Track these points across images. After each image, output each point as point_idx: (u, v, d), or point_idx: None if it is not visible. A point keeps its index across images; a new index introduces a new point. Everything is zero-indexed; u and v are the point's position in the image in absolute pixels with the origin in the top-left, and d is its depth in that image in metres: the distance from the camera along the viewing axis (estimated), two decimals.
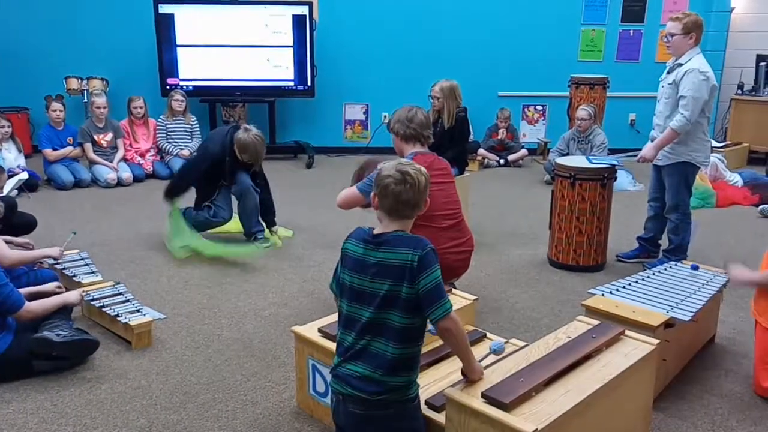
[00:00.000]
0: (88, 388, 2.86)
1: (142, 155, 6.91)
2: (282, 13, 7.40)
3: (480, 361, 2.12)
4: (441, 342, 2.42)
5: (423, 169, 2.04)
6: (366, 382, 1.93)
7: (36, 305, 3.03)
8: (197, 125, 7.15)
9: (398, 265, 1.91)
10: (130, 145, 6.91)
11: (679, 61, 3.95)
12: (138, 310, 3.34)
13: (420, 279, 1.89)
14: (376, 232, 2.02)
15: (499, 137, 7.63)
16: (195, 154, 5.66)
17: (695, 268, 3.31)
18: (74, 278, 3.69)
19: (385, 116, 7.90)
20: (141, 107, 6.94)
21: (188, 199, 4.78)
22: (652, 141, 4.13)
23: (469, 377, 2.05)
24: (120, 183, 6.47)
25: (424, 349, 2.18)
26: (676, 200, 4.09)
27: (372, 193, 2.05)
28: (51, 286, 3.29)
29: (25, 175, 5.87)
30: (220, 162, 4.62)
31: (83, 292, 3.38)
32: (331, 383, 2.05)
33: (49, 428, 2.57)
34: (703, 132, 3.99)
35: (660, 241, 4.42)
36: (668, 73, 4.05)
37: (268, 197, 4.85)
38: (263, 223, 4.81)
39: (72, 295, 3.22)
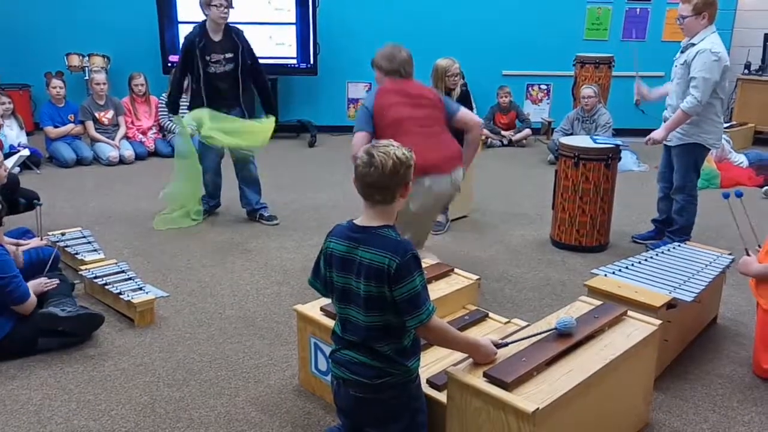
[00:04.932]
0: (92, 364, 2.87)
1: (144, 133, 6.88)
2: None
3: (505, 338, 2.15)
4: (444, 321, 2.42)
5: (398, 152, 1.90)
6: (366, 367, 1.93)
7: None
8: None
9: (377, 267, 1.84)
10: (132, 122, 6.88)
11: (692, 41, 3.88)
12: (141, 288, 3.35)
13: (396, 288, 1.83)
14: (358, 222, 1.95)
15: (505, 121, 7.59)
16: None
17: (739, 195, 3.04)
18: (77, 256, 3.70)
19: None
20: (142, 84, 6.90)
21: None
22: (665, 121, 4.09)
23: (480, 363, 2.05)
24: (122, 161, 6.45)
25: None
26: (684, 181, 4.06)
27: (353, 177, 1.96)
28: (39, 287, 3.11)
29: (26, 152, 5.83)
30: (192, 46, 4.36)
31: (86, 269, 3.38)
32: (331, 367, 2.05)
33: (52, 404, 2.59)
34: (715, 114, 3.93)
35: None
36: (681, 52, 3.98)
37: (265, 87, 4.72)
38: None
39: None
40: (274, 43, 7.43)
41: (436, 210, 3.64)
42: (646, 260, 3.19)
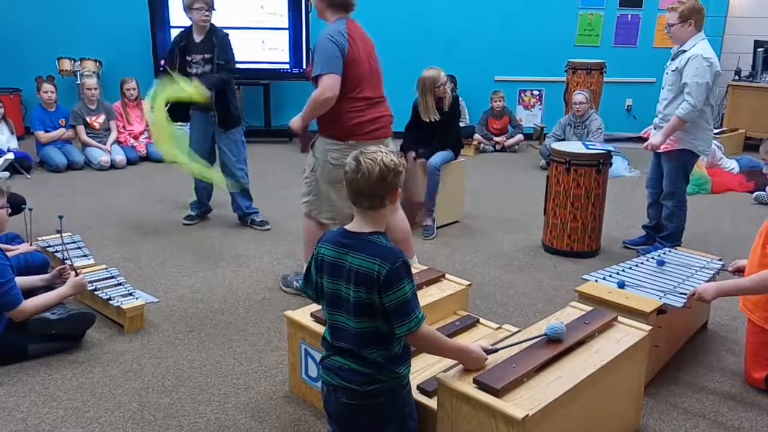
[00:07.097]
0: (80, 371, 2.85)
1: (136, 138, 6.87)
2: None
3: (495, 344, 2.15)
4: (435, 327, 2.41)
5: (386, 159, 1.86)
6: (356, 374, 1.91)
7: (30, 306, 2.94)
8: None
9: (366, 274, 1.83)
10: (124, 127, 6.86)
11: (682, 48, 3.91)
12: (131, 294, 3.33)
13: (386, 295, 1.82)
14: (349, 228, 1.94)
15: (498, 126, 7.60)
16: None
17: (661, 263, 3.19)
18: (66, 261, 3.66)
19: None
20: (134, 89, 6.88)
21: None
22: (655, 128, 4.11)
23: (471, 369, 2.05)
24: (113, 165, 6.43)
25: None
26: (673, 187, 4.07)
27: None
28: (37, 281, 3.21)
29: (11, 156, 5.82)
30: (175, 45, 4.36)
31: (80, 275, 3.28)
32: (320, 373, 2.04)
33: (40, 411, 2.57)
34: (706, 120, 3.95)
35: None
36: (672, 59, 4.01)
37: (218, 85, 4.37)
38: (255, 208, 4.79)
39: (65, 290, 3.11)
40: (266, 47, 7.44)
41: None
42: (636, 266, 3.19)
